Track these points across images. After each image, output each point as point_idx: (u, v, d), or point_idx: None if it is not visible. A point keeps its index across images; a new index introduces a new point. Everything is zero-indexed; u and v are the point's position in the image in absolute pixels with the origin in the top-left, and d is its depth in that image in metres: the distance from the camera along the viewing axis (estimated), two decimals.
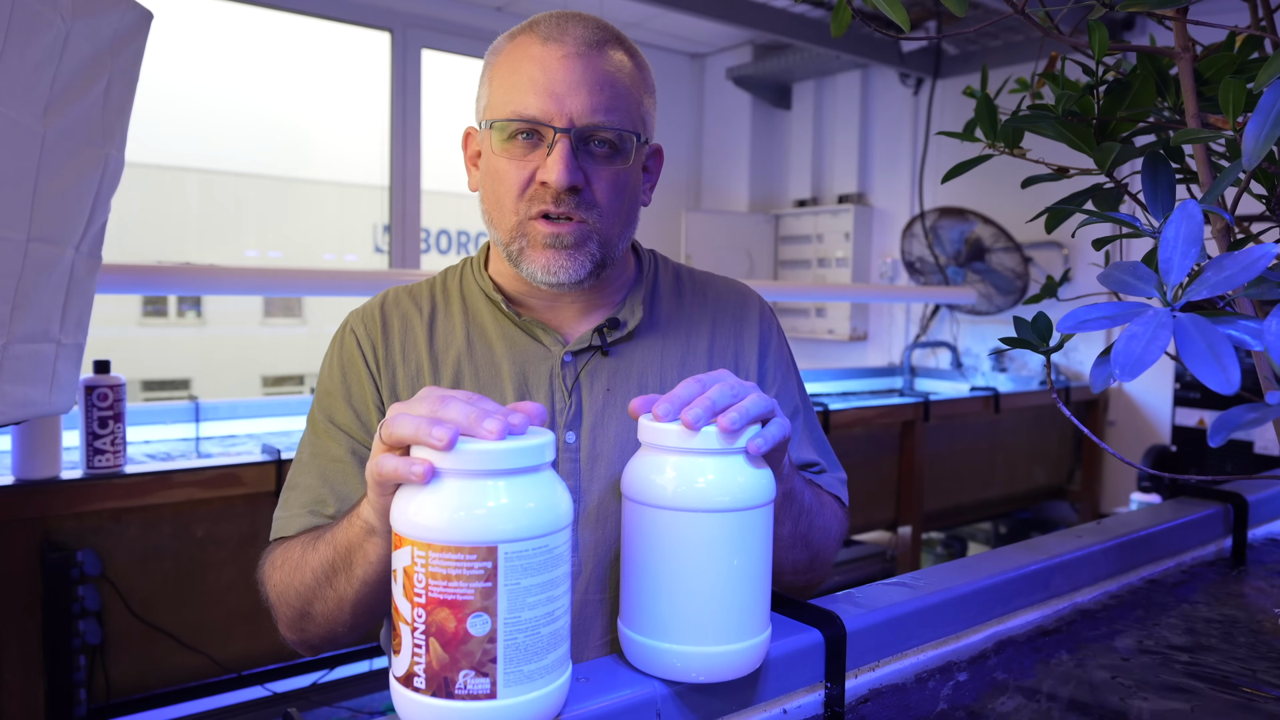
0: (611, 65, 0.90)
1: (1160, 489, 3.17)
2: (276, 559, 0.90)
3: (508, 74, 0.90)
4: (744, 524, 0.67)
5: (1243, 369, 0.55)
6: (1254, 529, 1.30)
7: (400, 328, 0.98)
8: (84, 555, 1.71)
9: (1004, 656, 0.89)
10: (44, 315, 1.35)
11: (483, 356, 0.96)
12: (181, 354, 9.12)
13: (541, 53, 0.88)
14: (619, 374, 0.96)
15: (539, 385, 0.94)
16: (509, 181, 0.90)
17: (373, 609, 0.84)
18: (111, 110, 1.40)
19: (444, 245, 9.30)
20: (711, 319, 1.03)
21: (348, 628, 0.86)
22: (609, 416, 0.94)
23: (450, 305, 1.00)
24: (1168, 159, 0.81)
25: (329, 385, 0.98)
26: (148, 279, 2.18)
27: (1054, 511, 3.97)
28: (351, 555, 0.78)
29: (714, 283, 1.07)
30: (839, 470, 1.07)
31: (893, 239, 4.44)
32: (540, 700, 0.59)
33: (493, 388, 0.94)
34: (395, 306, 1.00)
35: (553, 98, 0.87)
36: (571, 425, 0.93)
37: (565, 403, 0.94)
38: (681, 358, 0.99)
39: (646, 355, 0.98)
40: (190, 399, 2.43)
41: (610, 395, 0.95)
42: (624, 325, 0.97)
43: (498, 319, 0.98)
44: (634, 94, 0.92)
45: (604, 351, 0.96)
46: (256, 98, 9.39)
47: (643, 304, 0.99)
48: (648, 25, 4.43)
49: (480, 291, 0.99)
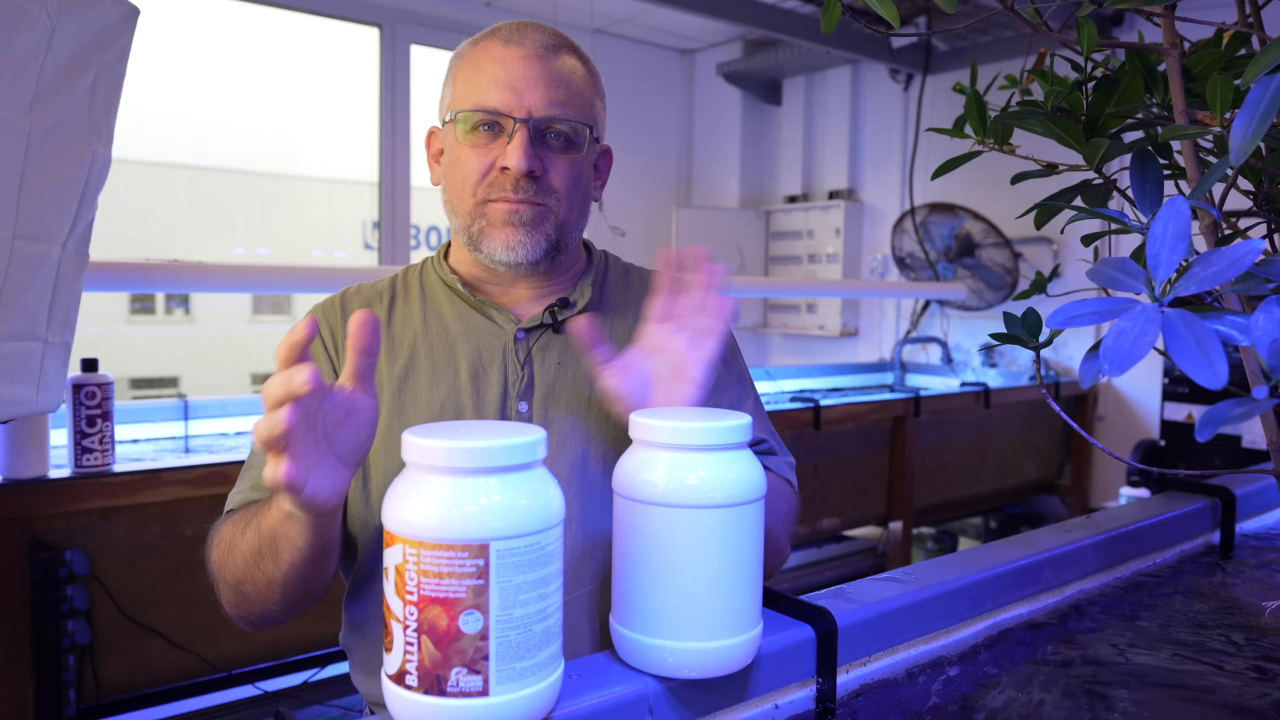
0: (566, 67, 0.98)
1: (1149, 483, 3.19)
2: (216, 537, 0.93)
3: (471, 73, 0.97)
4: (735, 520, 0.67)
5: (1230, 364, 0.55)
6: (1242, 522, 1.30)
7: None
8: (72, 555, 1.70)
9: (994, 651, 0.90)
10: (31, 313, 1.34)
11: (438, 336, 1.01)
12: (170, 352, 9.07)
13: (503, 53, 0.96)
14: (569, 349, 1.01)
15: (492, 359, 0.99)
16: (470, 167, 0.96)
17: (303, 589, 0.86)
18: (98, 106, 1.39)
19: (434, 241, 9.26)
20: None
21: (279, 607, 0.89)
22: (560, 388, 0.99)
23: (410, 294, 1.05)
24: (1156, 155, 0.82)
25: None
26: (135, 276, 2.17)
27: (1044, 506, 3.98)
28: (276, 540, 0.81)
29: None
30: (788, 455, 1.10)
31: (883, 235, 4.45)
32: (533, 697, 0.59)
33: (447, 364, 0.99)
34: (356, 295, 1.05)
35: (513, 92, 0.94)
36: (524, 396, 0.98)
37: (518, 375, 0.99)
38: (629, 337, 1.02)
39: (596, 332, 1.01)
40: (179, 397, 2.41)
41: (561, 368, 1.00)
42: (574, 305, 1.03)
43: (454, 302, 1.03)
44: (586, 94, 0.99)
45: (555, 329, 1.01)
46: (245, 94, 9.34)
47: (593, 287, 1.05)
48: (638, 21, 4.42)
49: (439, 280, 1.05)
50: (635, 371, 0.89)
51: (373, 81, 3.91)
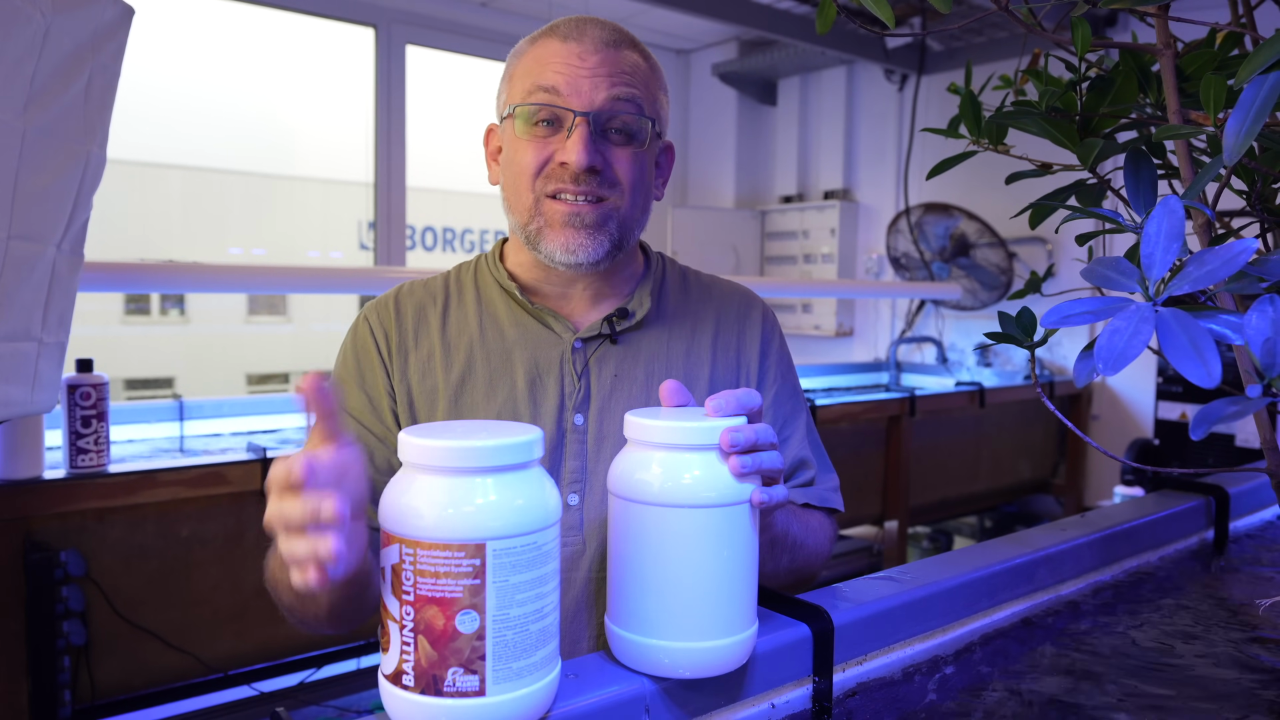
0: (627, 61, 0.95)
1: (1143, 482, 3.19)
2: (270, 558, 0.91)
3: (529, 67, 0.94)
4: (730, 519, 0.67)
5: (1224, 363, 0.56)
6: (1235, 521, 1.31)
7: (414, 316, 1.00)
8: (68, 555, 1.70)
9: (990, 649, 0.90)
10: (25, 314, 1.34)
11: (494, 342, 0.98)
12: (165, 352, 9.05)
13: (561, 49, 0.93)
14: (626, 361, 0.99)
15: (549, 369, 0.97)
16: (526, 162, 0.93)
17: (355, 612, 0.85)
18: (93, 106, 1.38)
19: (429, 242, 9.27)
20: (716, 316, 1.06)
21: (335, 628, 0.88)
22: (616, 400, 0.97)
23: (464, 295, 1.02)
24: (1150, 155, 0.82)
25: (342, 372, 1.00)
26: (130, 277, 2.16)
27: (1038, 505, 3.99)
28: (312, 593, 0.79)
29: (719, 284, 1.11)
30: (831, 474, 1.08)
31: (878, 235, 4.45)
32: (529, 697, 0.59)
33: (504, 372, 0.97)
34: (409, 296, 1.02)
35: (572, 85, 0.92)
36: (580, 408, 0.97)
37: (574, 386, 0.97)
38: (687, 349, 1.02)
39: (654, 345, 1.01)
40: (174, 397, 2.41)
41: (618, 380, 0.98)
42: (633, 315, 1.00)
43: (511, 307, 1.00)
44: (650, 87, 0.96)
45: (613, 339, 0.99)
46: (240, 94, 9.32)
47: (651, 296, 1.02)
48: (633, 21, 4.42)
49: (494, 282, 1.02)
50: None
51: (368, 82, 3.91)
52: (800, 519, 0.96)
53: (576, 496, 0.95)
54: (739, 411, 0.70)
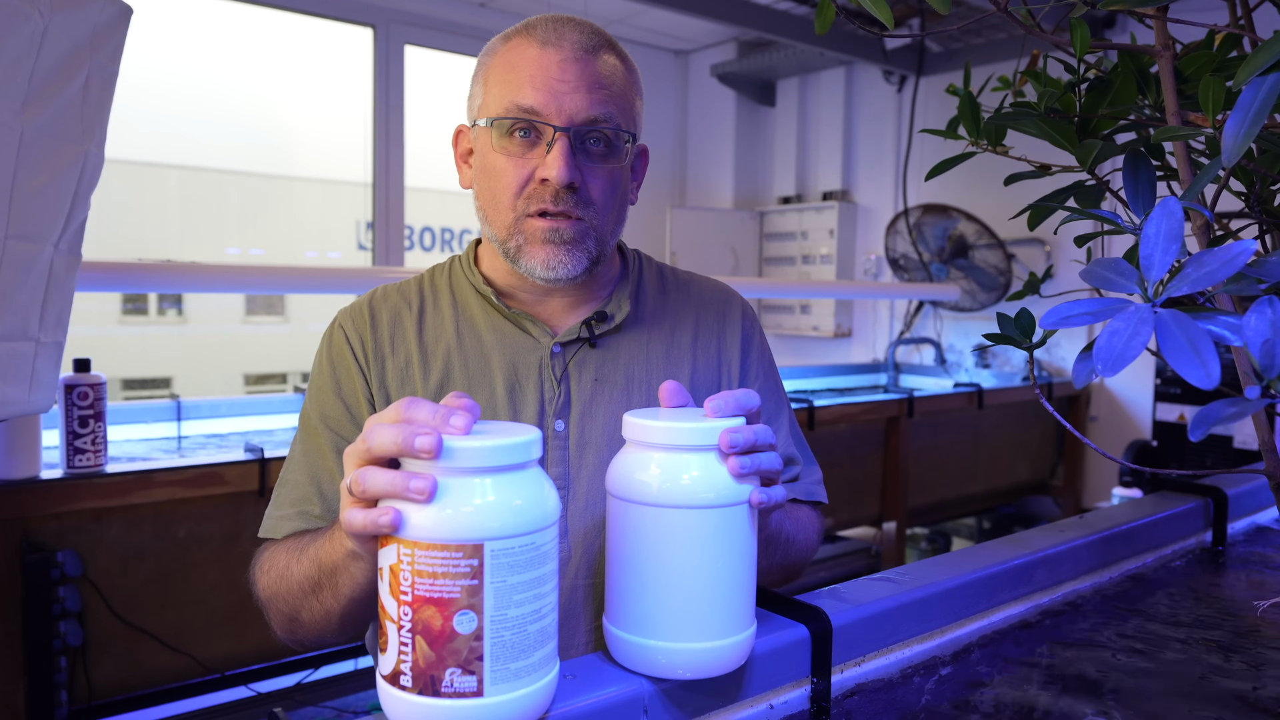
0: (606, 69, 0.92)
1: (1142, 484, 3.20)
2: (265, 563, 0.91)
3: (505, 73, 0.92)
4: (729, 520, 0.67)
5: (1222, 364, 0.56)
6: (1234, 522, 1.31)
7: (389, 321, 0.99)
8: (64, 556, 1.69)
9: (988, 651, 0.90)
10: (23, 313, 1.34)
11: (472, 348, 0.97)
12: (162, 352, 9.04)
13: (539, 55, 0.90)
14: (606, 365, 0.98)
15: (528, 375, 0.96)
16: (507, 179, 0.92)
17: (361, 616, 0.84)
18: (91, 106, 1.38)
19: (427, 242, 9.26)
20: (695, 315, 1.05)
21: (336, 633, 0.87)
22: (597, 405, 0.96)
23: (440, 300, 1.01)
24: (1148, 156, 0.82)
25: (319, 382, 0.99)
26: (128, 276, 2.16)
27: (1037, 506, 4.00)
28: (336, 575, 0.78)
29: (697, 281, 1.09)
30: (815, 466, 1.09)
31: (877, 236, 4.45)
32: (527, 698, 0.59)
33: (482, 379, 0.96)
34: (384, 302, 1.00)
35: (552, 97, 0.89)
36: (560, 414, 0.95)
37: (554, 392, 0.96)
38: (666, 351, 1.01)
39: (633, 347, 1.00)
40: (172, 398, 2.41)
41: (599, 385, 0.97)
42: (611, 318, 0.99)
43: (487, 312, 0.99)
44: (627, 96, 0.95)
45: (592, 343, 0.98)
46: (238, 94, 9.32)
47: (629, 298, 1.01)
48: (632, 22, 4.42)
49: (470, 286, 1.00)
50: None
51: (366, 82, 3.91)
52: (792, 516, 0.97)
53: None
54: (738, 412, 0.70)
